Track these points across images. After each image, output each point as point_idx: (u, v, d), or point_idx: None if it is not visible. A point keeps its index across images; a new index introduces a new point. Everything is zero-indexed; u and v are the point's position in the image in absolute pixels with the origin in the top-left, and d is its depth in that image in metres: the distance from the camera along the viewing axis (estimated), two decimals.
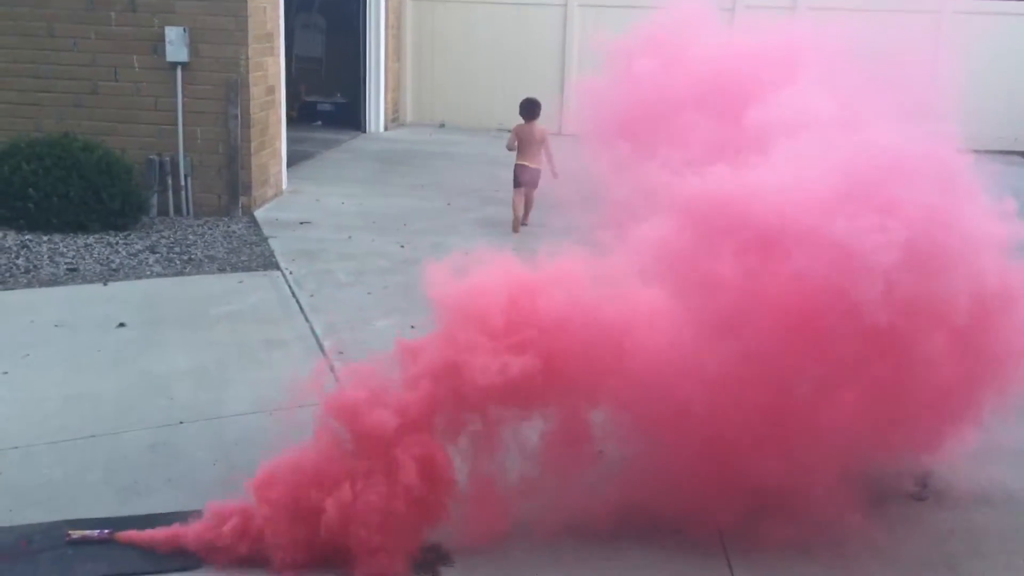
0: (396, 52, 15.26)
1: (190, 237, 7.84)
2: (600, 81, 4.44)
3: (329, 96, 15.56)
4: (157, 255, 7.25)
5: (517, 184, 8.54)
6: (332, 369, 5.03)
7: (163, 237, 7.79)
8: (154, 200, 8.47)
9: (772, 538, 3.39)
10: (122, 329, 5.59)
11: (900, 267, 2.93)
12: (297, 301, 6.25)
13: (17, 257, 6.96)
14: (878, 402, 3.21)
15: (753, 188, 3.06)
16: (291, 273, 6.88)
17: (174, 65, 8.35)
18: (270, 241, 7.78)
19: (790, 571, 3.35)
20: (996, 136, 14.01)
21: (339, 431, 3.27)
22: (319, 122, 15.07)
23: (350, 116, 14.82)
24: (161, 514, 3.51)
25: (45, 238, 7.48)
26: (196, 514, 3.49)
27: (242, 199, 8.64)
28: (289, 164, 10.10)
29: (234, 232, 8.07)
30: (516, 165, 8.60)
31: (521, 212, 8.58)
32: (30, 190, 7.58)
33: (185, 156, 8.51)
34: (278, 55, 9.36)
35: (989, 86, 13.40)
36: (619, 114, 4.24)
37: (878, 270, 2.92)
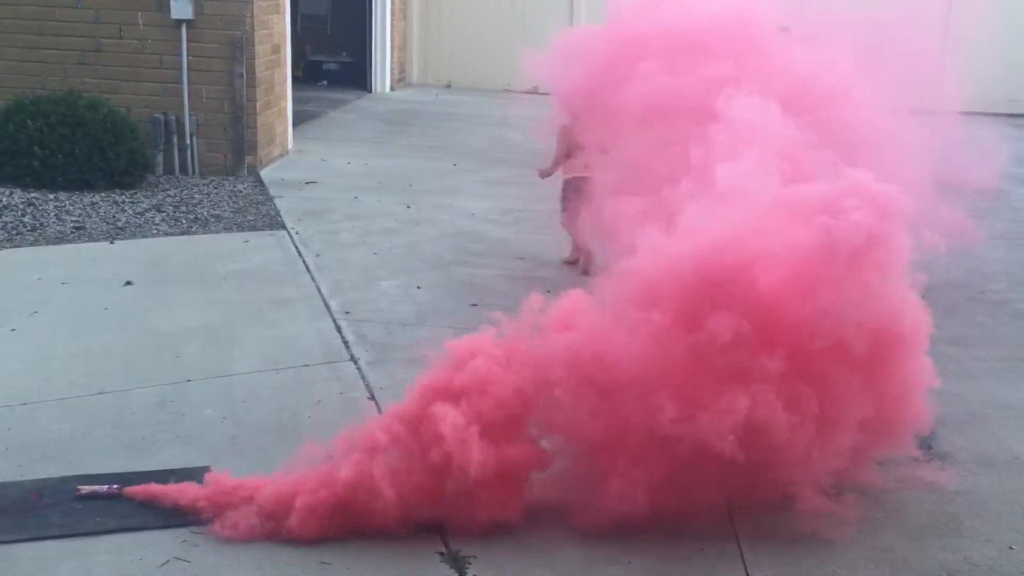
0: (402, 11, 15.10)
1: (196, 196, 7.82)
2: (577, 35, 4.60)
3: (335, 55, 15.42)
4: (163, 214, 7.24)
5: (570, 208, 5.91)
6: (338, 329, 5.07)
7: (169, 196, 7.77)
8: (159, 159, 8.44)
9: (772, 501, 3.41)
10: (129, 287, 5.59)
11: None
12: (303, 261, 6.24)
13: (23, 215, 6.95)
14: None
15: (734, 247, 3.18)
16: (297, 233, 6.87)
17: (179, 22, 8.27)
18: (276, 201, 7.76)
19: (792, 529, 3.37)
20: (1007, 99, 13.91)
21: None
22: (325, 82, 14.95)
23: (356, 76, 14.70)
24: (169, 470, 3.54)
25: (51, 196, 7.46)
26: (203, 470, 3.53)
27: (248, 158, 8.60)
28: (295, 124, 10.04)
29: (240, 191, 8.04)
30: (566, 180, 6.04)
31: (585, 241, 5.86)
32: (35, 148, 7.56)
33: (190, 115, 8.46)
34: (284, 13, 9.27)
35: (1000, 49, 13.25)
36: (589, 66, 4.39)
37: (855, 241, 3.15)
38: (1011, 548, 3.33)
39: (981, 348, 5.19)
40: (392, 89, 14.59)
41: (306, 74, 14.76)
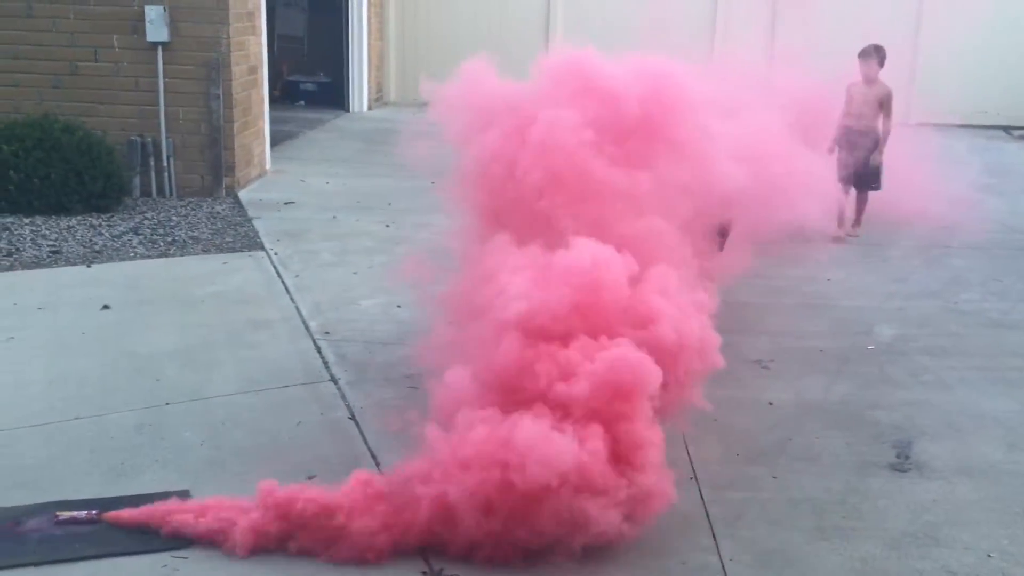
0: (379, 30, 15.17)
1: (174, 218, 7.80)
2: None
3: (312, 75, 15.46)
4: (140, 237, 7.22)
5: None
6: (318, 350, 5.07)
7: (146, 218, 7.75)
8: (136, 181, 8.42)
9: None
10: (106, 311, 5.57)
11: None
12: (282, 281, 6.23)
13: None
14: None
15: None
16: (276, 253, 6.86)
17: (154, 45, 8.28)
18: (254, 222, 7.75)
19: (774, 540, 3.40)
20: (979, 110, 14.11)
21: None
22: (302, 102, 14.98)
23: (333, 95, 14.73)
24: (148, 494, 3.51)
25: (27, 220, 7.43)
26: (183, 493, 3.52)
27: (225, 180, 8.59)
28: (273, 144, 10.04)
29: (218, 213, 8.03)
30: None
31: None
32: (11, 172, 7.52)
33: (167, 137, 8.46)
34: (260, 34, 9.29)
35: (971, 61, 13.46)
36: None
37: None
38: (989, 556, 3.36)
39: (955, 358, 5.26)
40: (370, 108, 14.63)
41: (283, 94, 14.79)
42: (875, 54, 7.64)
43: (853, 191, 7.81)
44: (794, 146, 4.94)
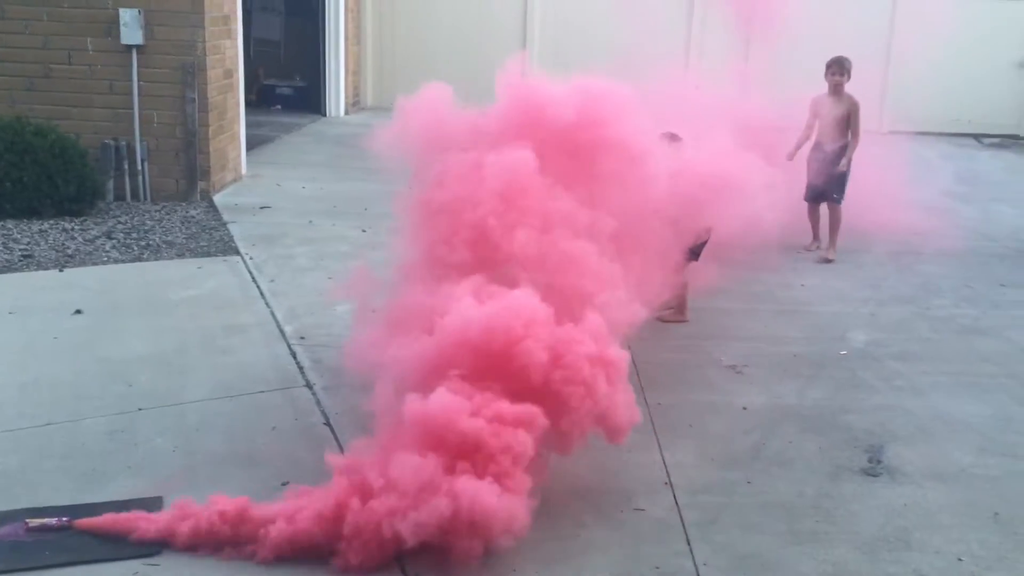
0: (356, 35, 15.13)
1: (148, 222, 7.74)
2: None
3: (288, 80, 15.40)
4: (114, 241, 7.16)
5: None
6: (293, 355, 5.05)
7: (120, 223, 7.69)
8: (110, 185, 8.34)
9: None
10: (79, 316, 5.52)
11: None
12: (257, 286, 6.20)
13: None
14: None
15: None
16: (251, 258, 6.82)
17: (129, 48, 8.21)
18: (229, 226, 7.70)
19: (748, 544, 3.42)
20: (951, 119, 14.29)
21: None
22: (278, 106, 14.91)
23: (310, 100, 14.68)
24: (120, 501, 3.49)
25: None
26: (156, 500, 3.50)
27: (200, 184, 8.54)
28: (248, 148, 9.98)
29: (193, 217, 7.98)
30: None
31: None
32: None
33: (141, 140, 8.39)
34: (236, 38, 9.24)
35: (943, 70, 13.61)
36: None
37: None
38: (960, 560, 3.39)
39: (927, 363, 5.31)
40: (346, 113, 14.58)
41: (259, 98, 14.71)
42: (840, 66, 7.60)
43: (824, 207, 7.72)
44: (746, 157, 4.96)
